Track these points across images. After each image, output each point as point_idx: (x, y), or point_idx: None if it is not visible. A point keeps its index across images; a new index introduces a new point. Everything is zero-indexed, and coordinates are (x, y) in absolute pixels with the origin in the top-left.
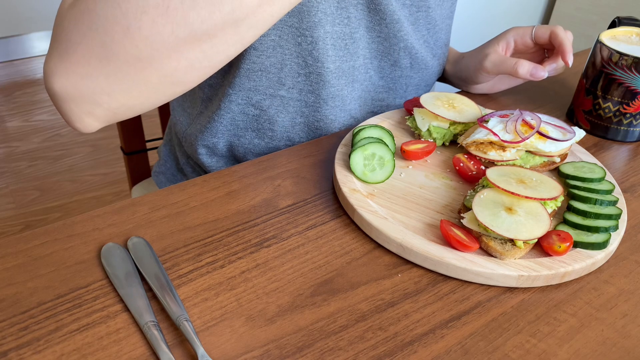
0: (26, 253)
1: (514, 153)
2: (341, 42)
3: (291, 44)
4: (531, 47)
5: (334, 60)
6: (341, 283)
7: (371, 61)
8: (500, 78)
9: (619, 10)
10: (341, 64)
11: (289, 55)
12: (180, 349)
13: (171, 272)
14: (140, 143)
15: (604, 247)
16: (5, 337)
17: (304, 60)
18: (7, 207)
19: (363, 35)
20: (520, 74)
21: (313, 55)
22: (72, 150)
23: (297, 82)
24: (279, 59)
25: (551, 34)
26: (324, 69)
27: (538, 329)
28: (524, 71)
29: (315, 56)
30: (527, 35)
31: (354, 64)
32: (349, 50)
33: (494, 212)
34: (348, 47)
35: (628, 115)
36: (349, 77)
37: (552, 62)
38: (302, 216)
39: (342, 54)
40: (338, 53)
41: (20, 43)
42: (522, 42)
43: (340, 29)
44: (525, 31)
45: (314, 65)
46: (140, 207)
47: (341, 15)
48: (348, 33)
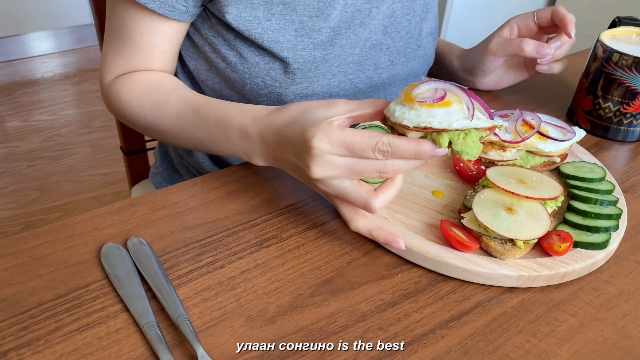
0: (26, 253)
1: (514, 153)
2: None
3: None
4: (534, 30)
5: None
6: (341, 283)
7: (346, 76)
8: (506, 72)
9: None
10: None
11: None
12: (180, 349)
13: (171, 272)
14: (140, 143)
15: (604, 247)
16: (5, 337)
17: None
18: (7, 207)
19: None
20: (526, 51)
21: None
22: (72, 150)
23: (261, 101)
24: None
25: (553, 12)
26: (283, 90)
27: (538, 329)
28: (530, 48)
29: (272, 76)
30: (529, 19)
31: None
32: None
33: (494, 212)
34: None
35: (628, 115)
36: (319, 97)
37: (556, 40)
38: (302, 216)
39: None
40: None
41: (20, 43)
42: (525, 26)
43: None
44: (527, 15)
45: (272, 85)
46: (140, 207)
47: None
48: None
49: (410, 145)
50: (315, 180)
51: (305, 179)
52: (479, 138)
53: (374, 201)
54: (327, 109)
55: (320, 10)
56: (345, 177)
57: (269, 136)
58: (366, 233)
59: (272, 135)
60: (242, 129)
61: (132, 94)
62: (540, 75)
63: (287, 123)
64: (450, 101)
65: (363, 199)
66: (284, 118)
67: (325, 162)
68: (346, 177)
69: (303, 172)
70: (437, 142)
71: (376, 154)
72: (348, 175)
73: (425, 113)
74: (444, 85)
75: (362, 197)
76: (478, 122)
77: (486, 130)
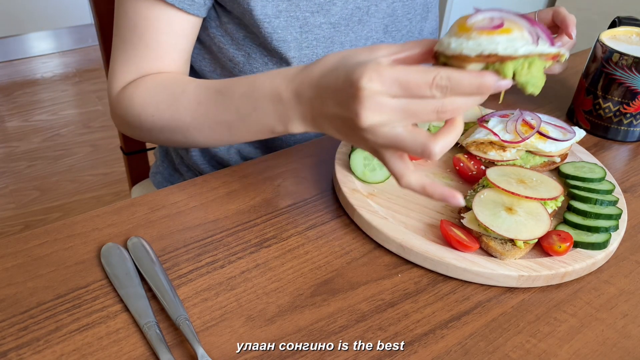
0: (26, 253)
1: (514, 153)
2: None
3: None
4: None
5: None
6: (341, 283)
7: None
8: None
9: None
10: None
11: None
12: (180, 349)
13: (171, 272)
14: (140, 143)
15: (604, 247)
16: (5, 337)
17: None
18: (7, 207)
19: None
20: None
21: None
22: (72, 150)
23: None
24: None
25: (554, 13)
26: None
27: (538, 329)
28: None
29: None
30: None
31: None
32: None
33: (494, 212)
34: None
35: (628, 115)
36: None
37: (557, 41)
38: (302, 216)
39: None
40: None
41: (20, 43)
42: None
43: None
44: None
45: None
46: (140, 207)
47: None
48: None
49: (472, 78)
50: (364, 130)
51: (351, 133)
52: (543, 68)
53: (433, 145)
54: (370, 53)
55: (321, 5)
56: (399, 121)
57: (305, 92)
58: (419, 189)
59: (309, 89)
60: (273, 93)
61: (146, 94)
62: None
63: (327, 71)
64: (510, 28)
65: (421, 143)
66: (322, 68)
67: (377, 105)
68: (399, 121)
69: (349, 124)
70: (502, 72)
71: (433, 91)
72: (402, 118)
73: (487, 41)
74: (500, 13)
75: (419, 141)
76: (544, 47)
77: (551, 59)
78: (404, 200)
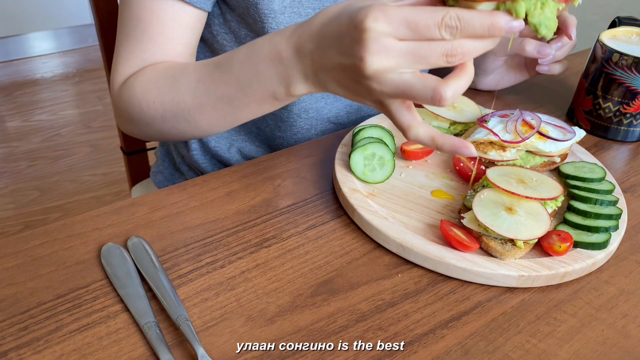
0: (26, 253)
1: (514, 153)
2: None
3: None
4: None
5: None
6: (341, 283)
7: None
8: (507, 72)
9: (619, 10)
10: None
11: None
12: (180, 349)
13: (171, 272)
14: (140, 143)
15: (604, 247)
16: (5, 337)
17: None
18: (7, 207)
19: None
20: (527, 51)
21: None
22: (72, 150)
23: None
24: None
25: None
26: None
27: (538, 329)
28: (531, 48)
29: None
30: None
31: None
32: None
33: (494, 212)
34: None
35: (628, 115)
36: (324, 94)
37: (557, 41)
38: (302, 216)
39: None
40: None
41: (20, 43)
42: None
43: None
44: None
45: None
46: (140, 207)
47: None
48: None
49: (483, 18)
50: (369, 77)
51: (354, 85)
52: (556, 10)
53: (444, 89)
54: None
55: (322, 2)
56: (406, 66)
57: (306, 44)
58: (428, 140)
59: (309, 41)
60: (273, 51)
61: (147, 79)
62: (540, 76)
63: (328, 20)
64: None
65: (431, 87)
66: (322, 19)
67: (383, 48)
68: (407, 66)
69: (353, 74)
70: (514, 11)
71: (442, 32)
72: (409, 63)
73: None
74: None
75: (429, 86)
76: None
77: (564, 1)
78: (404, 200)
